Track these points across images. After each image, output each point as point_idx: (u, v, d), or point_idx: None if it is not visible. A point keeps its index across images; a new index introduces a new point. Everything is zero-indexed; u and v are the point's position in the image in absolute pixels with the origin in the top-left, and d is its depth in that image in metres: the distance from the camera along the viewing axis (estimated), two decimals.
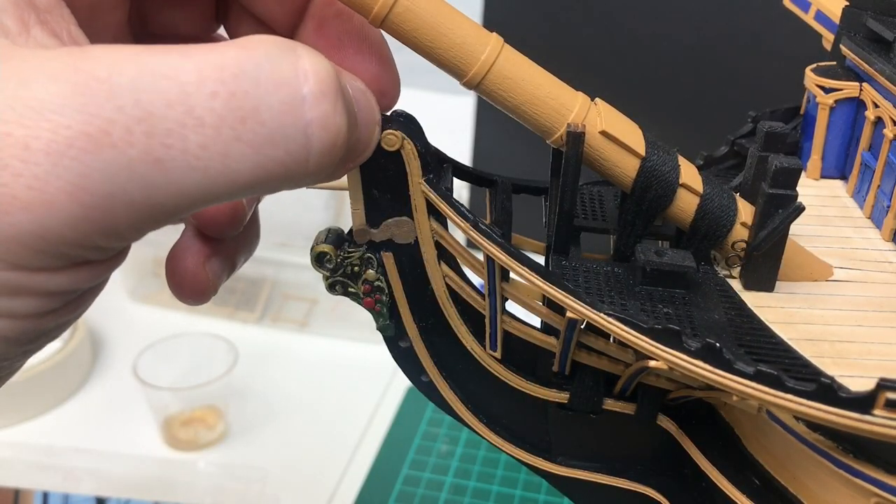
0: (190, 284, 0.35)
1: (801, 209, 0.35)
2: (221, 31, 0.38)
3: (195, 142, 0.23)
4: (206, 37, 0.37)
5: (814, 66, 0.48)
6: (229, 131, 0.24)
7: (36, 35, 0.26)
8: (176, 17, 0.36)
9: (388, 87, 0.33)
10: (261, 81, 0.24)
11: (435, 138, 0.34)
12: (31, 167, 0.22)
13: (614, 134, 0.34)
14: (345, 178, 0.34)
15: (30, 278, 0.24)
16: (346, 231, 0.36)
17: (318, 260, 0.35)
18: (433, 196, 0.33)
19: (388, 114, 0.33)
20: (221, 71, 0.24)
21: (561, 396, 0.38)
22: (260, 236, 0.39)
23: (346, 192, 0.34)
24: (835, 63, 0.49)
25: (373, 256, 0.35)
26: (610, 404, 0.38)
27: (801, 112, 0.50)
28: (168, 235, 0.34)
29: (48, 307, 0.25)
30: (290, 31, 0.35)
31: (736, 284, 0.37)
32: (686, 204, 0.35)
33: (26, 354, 0.27)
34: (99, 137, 0.22)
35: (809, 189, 0.47)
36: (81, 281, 0.25)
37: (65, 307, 0.26)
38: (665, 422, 0.39)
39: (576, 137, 0.33)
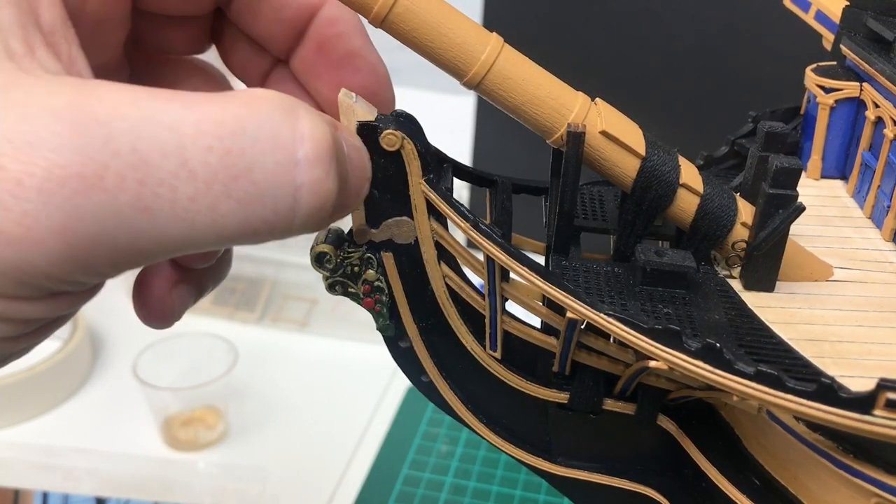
0: (155, 309, 0.35)
1: (801, 209, 0.35)
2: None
3: (185, 194, 0.23)
4: (199, 52, 0.37)
5: (814, 65, 0.48)
6: (220, 187, 0.24)
7: (41, 58, 0.26)
8: (172, 35, 0.36)
9: (382, 107, 0.34)
10: (258, 141, 0.24)
11: (435, 138, 0.34)
12: (22, 203, 0.22)
13: (614, 134, 0.34)
14: None
15: (7, 306, 0.24)
16: (346, 231, 0.36)
17: (318, 260, 0.35)
18: (433, 196, 0.33)
19: (388, 114, 0.33)
20: (220, 127, 0.24)
21: (561, 396, 0.38)
22: (231, 264, 0.39)
23: None
24: (835, 63, 0.49)
25: (373, 256, 0.35)
26: (610, 404, 0.38)
27: (802, 112, 0.50)
28: None
29: (21, 332, 0.26)
30: (287, 51, 0.35)
31: (736, 284, 0.37)
32: (686, 204, 0.35)
33: None
34: (92, 180, 0.22)
35: (810, 189, 0.47)
36: (57, 310, 0.26)
37: (37, 331, 0.27)
38: (665, 422, 0.39)
39: (576, 137, 0.33)
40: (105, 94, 0.24)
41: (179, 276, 0.35)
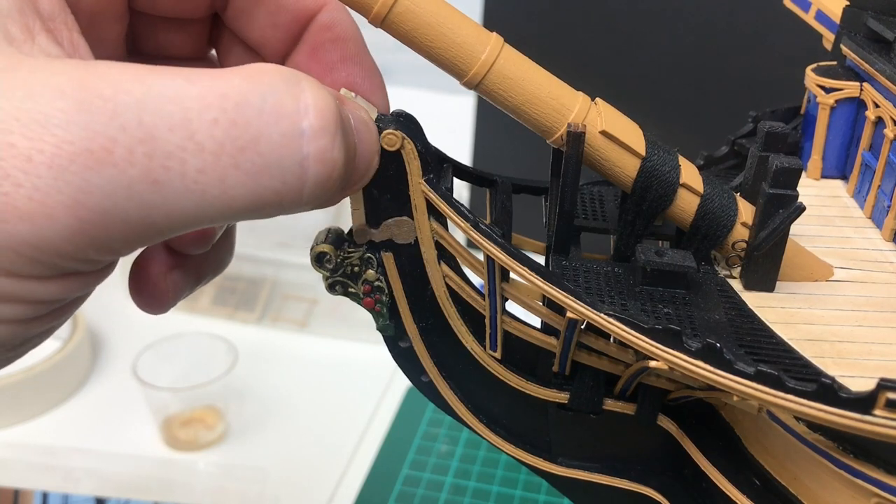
0: (149, 293, 0.35)
1: (801, 209, 0.35)
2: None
3: (194, 166, 0.24)
4: (198, 59, 0.37)
5: (814, 65, 0.48)
6: (228, 159, 0.24)
7: (41, 43, 0.26)
8: (170, 39, 0.36)
9: (377, 111, 0.34)
10: (263, 112, 0.24)
11: (435, 138, 0.34)
12: (33, 179, 0.22)
13: (615, 134, 0.34)
14: None
15: (21, 285, 0.24)
16: (346, 231, 0.36)
17: (318, 260, 0.35)
18: (433, 196, 0.33)
19: (388, 114, 0.33)
20: (225, 99, 0.24)
21: (561, 397, 0.38)
22: (233, 254, 0.39)
23: None
24: (835, 63, 0.49)
25: (373, 256, 0.35)
26: (610, 404, 0.38)
27: (802, 112, 0.50)
28: None
29: (35, 314, 0.26)
30: (282, 56, 0.35)
31: (736, 284, 0.37)
32: (686, 204, 0.35)
33: (8, 360, 0.28)
34: (101, 155, 0.23)
35: (810, 189, 0.47)
36: (70, 290, 0.26)
37: (50, 314, 0.27)
38: (665, 422, 0.39)
39: (576, 137, 0.33)
40: (108, 72, 0.24)
41: (175, 261, 0.35)
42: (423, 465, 0.75)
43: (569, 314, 0.33)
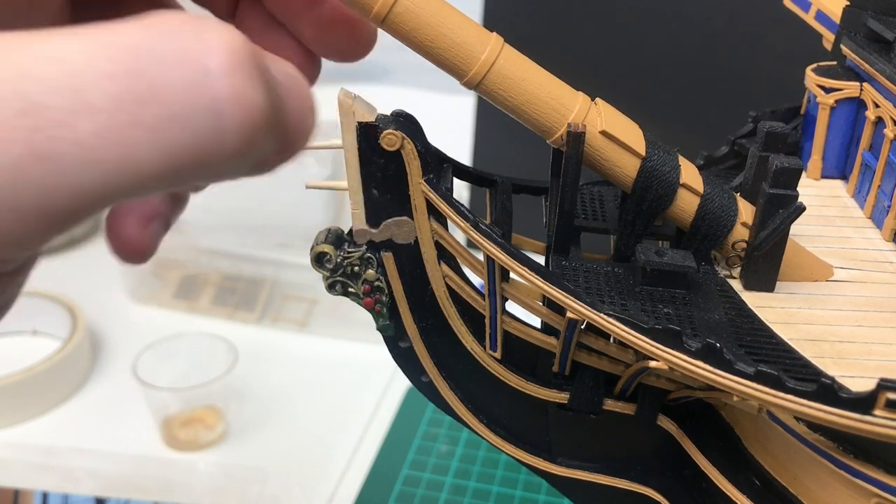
0: (133, 247, 0.33)
1: (801, 209, 0.35)
2: None
3: (87, 130, 0.20)
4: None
5: (814, 65, 0.48)
6: (125, 116, 0.21)
7: None
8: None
9: (363, 37, 0.32)
10: (161, 58, 0.21)
11: (435, 138, 0.34)
12: None
13: (615, 134, 0.34)
14: (344, 178, 0.34)
15: None
16: (346, 231, 0.36)
17: (318, 260, 0.35)
18: (433, 196, 0.33)
19: (389, 114, 0.33)
20: (119, 50, 0.21)
21: (561, 397, 0.38)
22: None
23: (346, 192, 0.34)
24: (835, 63, 0.49)
25: (373, 256, 0.35)
26: (610, 405, 0.38)
27: (802, 112, 0.50)
28: (166, 236, 0.34)
29: None
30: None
31: (736, 284, 0.37)
32: (686, 204, 0.35)
33: None
34: None
35: (810, 189, 0.47)
36: None
37: None
38: (665, 422, 0.39)
39: (576, 137, 0.33)
40: None
41: (151, 210, 0.33)
42: (423, 465, 0.75)
43: (569, 314, 0.33)
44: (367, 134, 0.32)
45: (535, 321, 0.37)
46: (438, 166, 0.35)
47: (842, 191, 0.47)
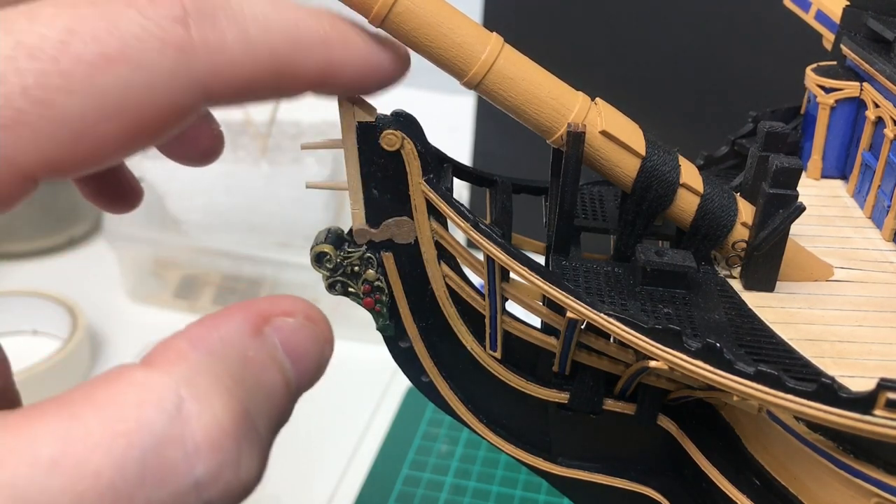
0: (121, 203, 0.35)
1: (801, 209, 0.35)
2: None
3: None
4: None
5: (814, 65, 0.48)
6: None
7: None
8: None
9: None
10: (143, 479, 0.21)
11: (435, 138, 0.34)
12: None
13: (615, 134, 0.34)
14: (344, 178, 0.34)
15: None
16: (346, 231, 0.36)
17: (318, 260, 0.35)
18: (433, 196, 0.33)
19: (388, 114, 0.33)
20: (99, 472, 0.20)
21: (561, 397, 0.38)
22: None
23: (346, 192, 0.34)
24: (835, 63, 0.49)
25: (373, 256, 0.35)
26: (610, 404, 0.38)
27: (802, 112, 0.50)
28: (166, 236, 0.34)
29: None
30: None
31: (736, 284, 0.37)
32: (686, 204, 0.35)
33: None
34: None
35: (810, 189, 0.47)
36: None
37: None
38: (665, 422, 0.39)
39: (576, 137, 0.33)
40: None
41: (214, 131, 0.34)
42: (423, 465, 0.75)
43: (569, 314, 0.33)
44: (367, 134, 0.32)
45: (536, 321, 0.37)
46: (438, 166, 0.35)
47: (842, 191, 0.47)
